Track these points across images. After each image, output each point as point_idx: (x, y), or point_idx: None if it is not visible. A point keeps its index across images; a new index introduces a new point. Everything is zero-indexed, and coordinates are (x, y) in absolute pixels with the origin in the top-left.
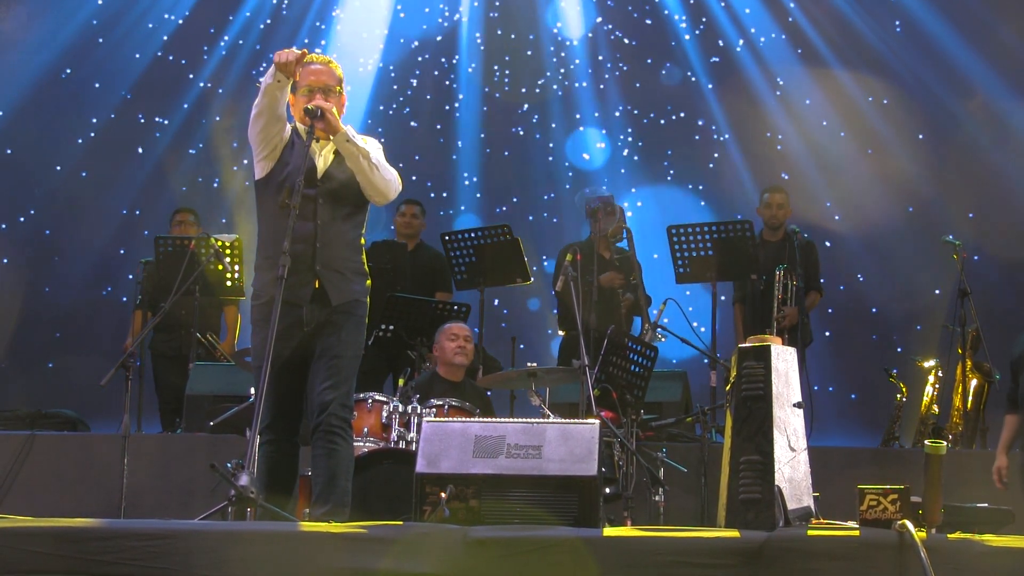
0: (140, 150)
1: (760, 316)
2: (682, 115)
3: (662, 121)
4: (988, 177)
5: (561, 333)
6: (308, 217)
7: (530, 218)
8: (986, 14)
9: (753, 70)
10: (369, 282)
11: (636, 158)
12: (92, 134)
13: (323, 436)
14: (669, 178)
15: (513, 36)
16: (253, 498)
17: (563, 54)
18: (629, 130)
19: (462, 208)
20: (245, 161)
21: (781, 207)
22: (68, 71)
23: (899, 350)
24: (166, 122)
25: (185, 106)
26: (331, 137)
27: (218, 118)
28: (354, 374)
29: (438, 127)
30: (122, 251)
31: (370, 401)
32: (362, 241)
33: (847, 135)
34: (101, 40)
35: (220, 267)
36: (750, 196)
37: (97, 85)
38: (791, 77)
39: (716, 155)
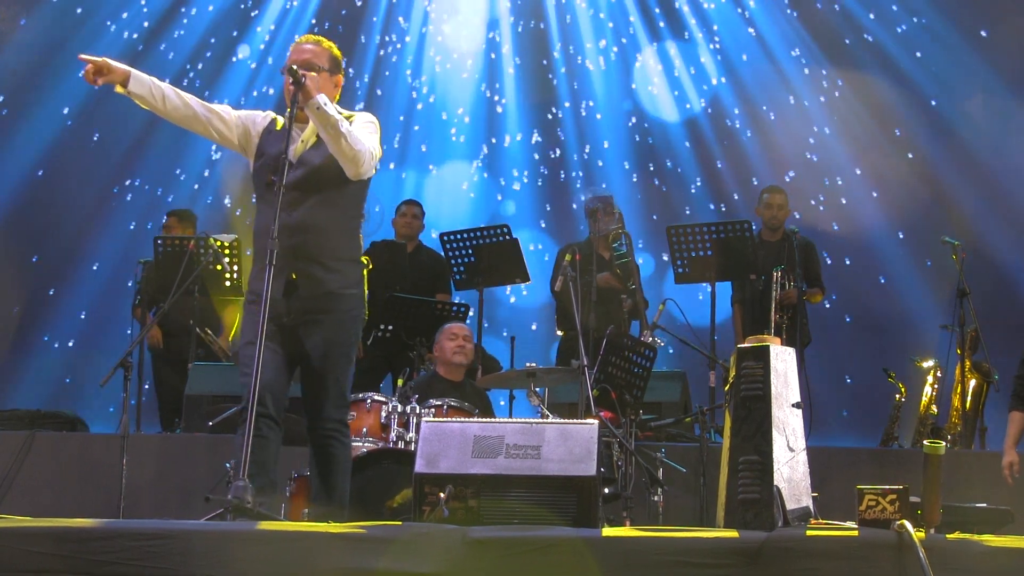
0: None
1: (759, 316)
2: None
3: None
4: (988, 177)
5: (560, 333)
6: (281, 206)
7: None
8: (986, 13)
9: (754, 69)
10: (367, 271)
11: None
12: (93, 132)
13: (318, 440)
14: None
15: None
16: (249, 508)
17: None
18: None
19: None
20: (218, 154)
21: (781, 208)
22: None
23: (898, 350)
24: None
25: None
26: (304, 107)
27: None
28: (345, 369)
29: None
30: (124, 250)
31: (369, 401)
32: (358, 224)
33: (847, 135)
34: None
35: (219, 267)
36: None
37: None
38: (791, 76)
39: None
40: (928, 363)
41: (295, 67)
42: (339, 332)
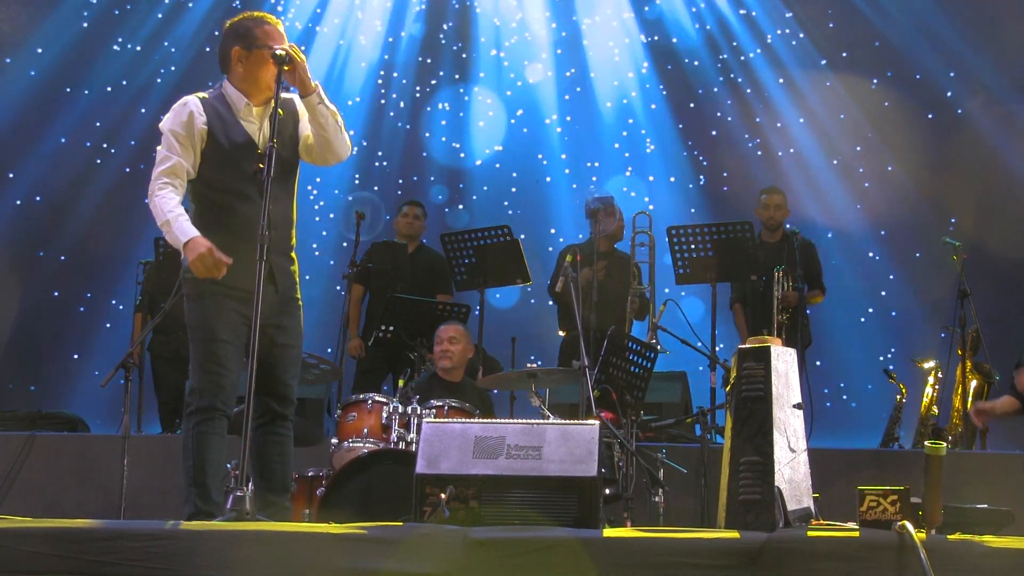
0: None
1: (760, 317)
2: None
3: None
4: (989, 177)
5: (561, 334)
6: (254, 197)
7: None
8: (990, 11)
9: (755, 69)
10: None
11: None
12: (96, 133)
13: (281, 425)
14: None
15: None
16: (248, 520)
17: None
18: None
19: None
20: None
21: (779, 208)
22: (69, 70)
23: (899, 351)
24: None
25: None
26: (302, 96)
27: None
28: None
29: None
30: (125, 251)
31: (370, 402)
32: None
33: (848, 135)
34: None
35: None
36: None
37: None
38: (792, 76)
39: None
40: (929, 364)
41: (280, 51)
42: (300, 322)
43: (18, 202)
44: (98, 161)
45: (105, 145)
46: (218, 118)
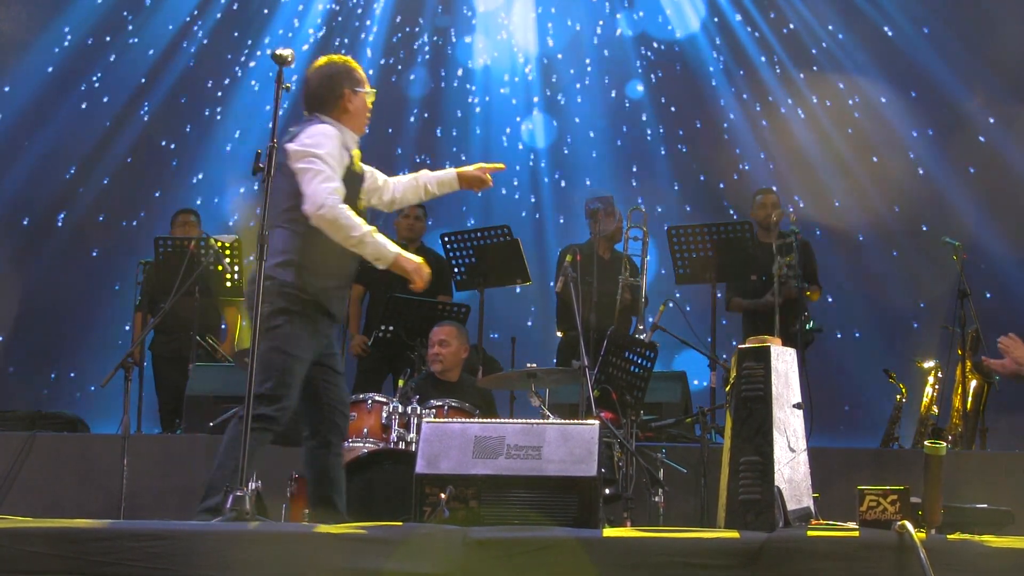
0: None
1: (760, 317)
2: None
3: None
4: (990, 178)
5: (560, 334)
6: None
7: None
8: (990, 11)
9: (756, 70)
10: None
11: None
12: (97, 134)
13: (338, 445)
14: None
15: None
16: (248, 519)
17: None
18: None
19: None
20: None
21: (776, 207)
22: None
23: (899, 351)
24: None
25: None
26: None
27: None
28: None
29: None
30: (124, 252)
31: (370, 402)
32: None
33: (847, 134)
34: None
35: (220, 268)
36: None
37: (105, 85)
38: (793, 76)
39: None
40: (929, 364)
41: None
42: None
43: (17, 198)
44: (100, 159)
45: (104, 143)
46: (346, 149)
